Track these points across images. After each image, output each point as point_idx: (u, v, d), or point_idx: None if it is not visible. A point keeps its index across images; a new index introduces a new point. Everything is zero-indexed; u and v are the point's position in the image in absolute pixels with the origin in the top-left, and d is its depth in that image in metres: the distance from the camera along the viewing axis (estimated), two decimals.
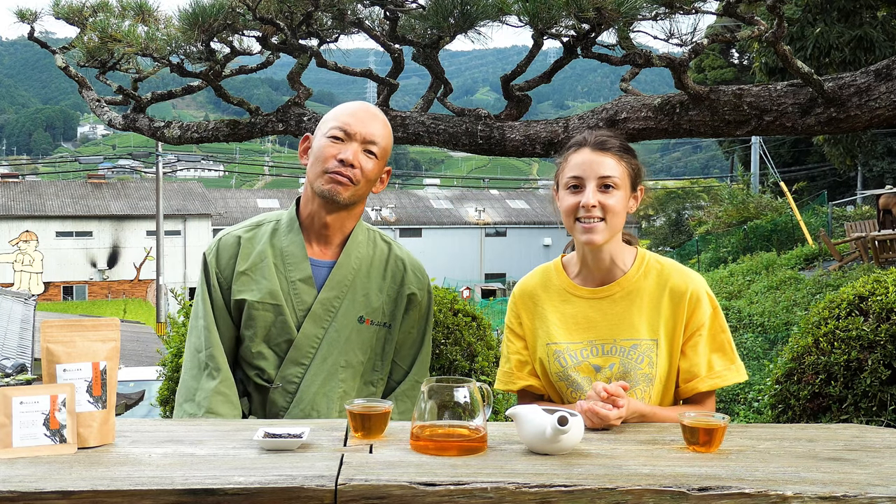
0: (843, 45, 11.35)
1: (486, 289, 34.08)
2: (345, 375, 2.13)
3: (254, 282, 2.13)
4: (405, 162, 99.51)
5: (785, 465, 1.50)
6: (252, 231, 2.20)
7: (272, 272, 2.12)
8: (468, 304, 3.86)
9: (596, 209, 1.93)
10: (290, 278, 2.12)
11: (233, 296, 2.14)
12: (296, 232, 2.16)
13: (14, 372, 2.24)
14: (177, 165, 36.72)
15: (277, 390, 2.13)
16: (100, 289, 36.59)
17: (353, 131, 2.10)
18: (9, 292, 15.93)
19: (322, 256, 2.16)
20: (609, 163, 1.95)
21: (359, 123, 2.11)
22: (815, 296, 11.67)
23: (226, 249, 2.18)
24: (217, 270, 2.17)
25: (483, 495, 1.35)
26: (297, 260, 2.13)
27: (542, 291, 2.08)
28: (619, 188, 1.95)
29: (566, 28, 3.75)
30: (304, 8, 4.14)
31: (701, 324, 1.98)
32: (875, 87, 3.39)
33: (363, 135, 2.11)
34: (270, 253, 2.15)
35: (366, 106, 2.18)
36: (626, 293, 2.00)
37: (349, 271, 2.15)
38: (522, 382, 2.09)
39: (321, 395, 2.11)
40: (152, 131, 4.96)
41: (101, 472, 1.43)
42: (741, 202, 23.61)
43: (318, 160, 2.11)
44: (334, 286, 2.13)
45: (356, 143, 2.10)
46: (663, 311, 1.98)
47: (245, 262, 2.15)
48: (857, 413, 3.02)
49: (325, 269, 2.15)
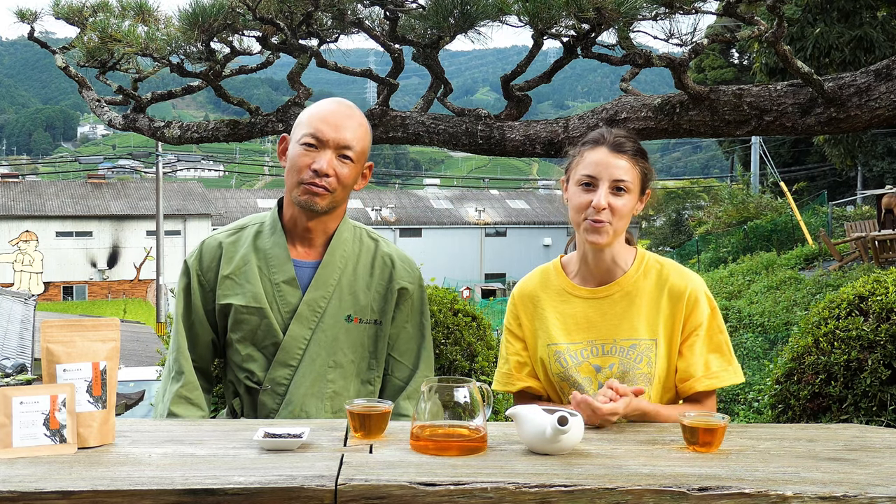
0: (843, 45, 11.35)
1: (486, 289, 34.08)
2: (334, 376, 2.12)
3: (238, 286, 2.12)
4: (405, 162, 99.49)
5: (785, 465, 1.50)
6: (235, 235, 2.19)
7: (256, 276, 2.11)
8: (468, 304, 3.86)
9: (605, 211, 1.93)
10: (274, 280, 2.11)
11: (218, 300, 2.14)
12: (279, 234, 2.14)
13: (14, 372, 2.24)
14: (177, 165, 36.72)
15: (267, 392, 2.12)
16: (100, 289, 36.59)
17: (325, 138, 2.04)
18: (9, 292, 15.93)
19: (306, 257, 2.15)
20: (624, 166, 1.95)
21: (331, 129, 2.05)
22: (815, 296, 11.67)
23: (209, 254, 2.17)
24: (199, 275, 2.16)
25: (483, 495, 1.35)
26: (281, 262, 2.12)
27: (542, 292, 2.08)
28: (630, 192, 1.96)
29: (566, 28, 3.75)
30: (304, 8, 4.14)
31: (699, 324, 1.98)
32: (875, 87, 3.39)
33: (336, 141, 2.05)
34: (254, 256, 2.13)
35: (339, 107, 2.11)
36: (626, 293, 2.01)
37: (335, 270, 2.13)
38: (521, 384, 2.09)
39: (310, 395, 2.11)
40: (152, 131, 4.96)
41: (101, 472, 1.43)
42: (741, 202, 23.61)
43: (293, 169, 2.07)
44: (320, 286, 2.11)
45: (330, 151, 2.05)
46: (662, 310, 1.99)
47: (228, 266, 2.14)
48: (857, 413, 3.02)
49: (309, 269, 2.13)
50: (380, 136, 4.38)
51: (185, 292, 2.18)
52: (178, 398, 2.12)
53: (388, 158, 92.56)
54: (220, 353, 2.23)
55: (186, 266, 2.19)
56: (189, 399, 2.13)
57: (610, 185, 1.94)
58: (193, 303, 2.16)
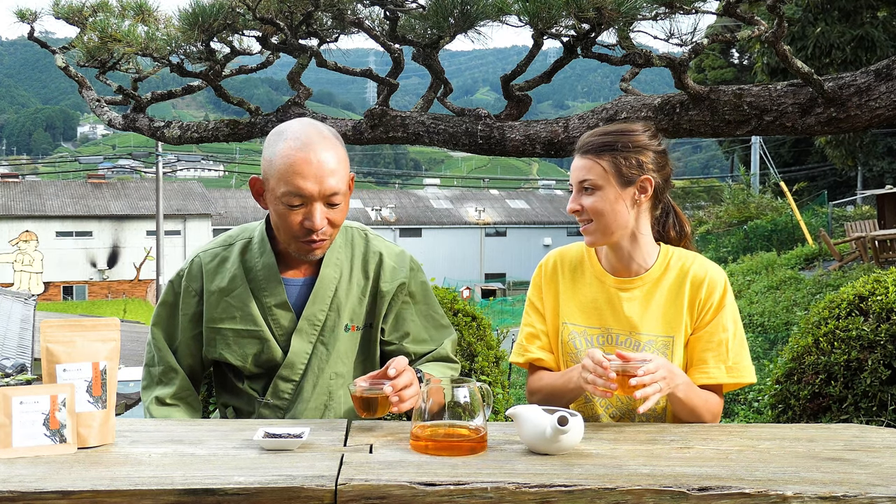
0: (844, 44, 11.35)
1: (486, 289, 34.10)
2: (335, 386, 2.10)
3: (233, 308, 2.06)
4: (405, 162, 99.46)
5: (785, 465, 1.50)
6: (224, 250, 2.12)
7: (249, 297, 2.06)
8: (468, 304, 3.86)
9: (580, 213, 1.97)
10: (266, 304, 2.05)
11: (209, 322, 2.08)
12: (268, 254, 2.06)
13: (14, 372, 2.24)
14: (177, 165, 36.74)
15: (267, 406, 2.09)
16: (100, 289, 36.60)
17: (309, 193, 1.88)
18: (9, 292, 15.93)
19: (297, 275, 2.08)
20: (585, 165, 1.96)
21: (314, 183, 1.87)
22: (815, 296, 11.67)
23: (197, 270, 2.11)
24: (188, 293, 2.10)
25: (483, 495, 1.35)
26: (272, 285, 2.05)
27: (572, 270, 2.08)
28: (601, 188, 1.94)
29: (566, 28, 3.75)
30: (304, 8, 4.14)
31: (709, 316, 1.97)
32: (875, 87, 3.39)
33: (322, 192, 1.89)
34: (243, 275, 2.07)
35: (311, 149, 1.88)
36: (649, 289, 2.00)
37: (330, 282, 2.08)
38: (530, 355, 2.08)
39: (312, 409, 2.08)
40: (152, 131, 4.97)
41: (101, 472, 1.43)
42: (741, 202, 23.61)
43: (284, 227, 1.94)
44: (317, 300, 2.06)
45: (318, 203, 1.90)
46: (684, 302, 1.97)
47: (219, 282, 2.08)
48: (857, 413, 3.02)
49: (300, 287, 2.08)
50: (380, 136, 4.38)
51: (171, 308, 2.13)
52: (171, 402, 2.10)
53: (388, 158, 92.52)
54: (199, 381, 2.20)
55: (176, 283, 2.13)
56: (177, 407, 2.11)
57: (577, 188, 1.98)
58: (181, 320, 2.11)
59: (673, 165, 2.07)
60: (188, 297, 2.10)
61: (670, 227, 2.10)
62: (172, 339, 2.13)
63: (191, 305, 2.10)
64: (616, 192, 1.95)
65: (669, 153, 2.06)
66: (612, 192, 1.95)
